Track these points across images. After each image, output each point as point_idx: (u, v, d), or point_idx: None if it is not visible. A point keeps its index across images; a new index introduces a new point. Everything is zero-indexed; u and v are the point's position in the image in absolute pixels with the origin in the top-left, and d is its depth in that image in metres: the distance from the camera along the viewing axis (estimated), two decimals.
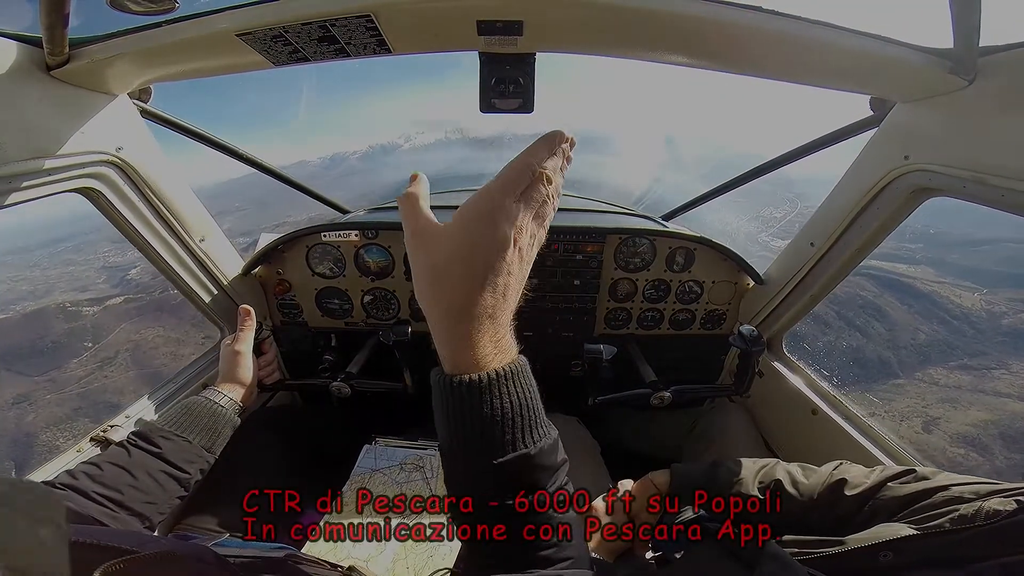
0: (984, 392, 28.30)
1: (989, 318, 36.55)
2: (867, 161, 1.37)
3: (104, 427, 1.39)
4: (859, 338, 34.87)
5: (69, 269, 68.34)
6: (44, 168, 1.08)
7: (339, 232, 1.87)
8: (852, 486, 0.98)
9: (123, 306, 42.95)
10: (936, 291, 37.33)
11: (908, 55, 1.02)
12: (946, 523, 0.76)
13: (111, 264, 63.96)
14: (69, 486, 0.95)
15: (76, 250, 78.92)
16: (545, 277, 1.95)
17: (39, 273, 74.86)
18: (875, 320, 35.90)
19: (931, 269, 43.33)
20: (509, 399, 0.52)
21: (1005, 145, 0.98)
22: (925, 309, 35.65)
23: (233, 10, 0.99)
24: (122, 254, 64.68)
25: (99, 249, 74.49)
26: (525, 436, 0.54)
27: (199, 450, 1.15)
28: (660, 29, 1.02)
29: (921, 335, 33.25)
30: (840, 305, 36.11)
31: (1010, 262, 48.77)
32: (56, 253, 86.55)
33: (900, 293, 36.30)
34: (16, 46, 1.00)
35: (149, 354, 34.81)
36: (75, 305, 42.11)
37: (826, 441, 1.61)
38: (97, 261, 68.47)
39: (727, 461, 1.16)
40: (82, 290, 54.83)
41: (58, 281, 62.04)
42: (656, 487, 1.18)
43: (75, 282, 59.53)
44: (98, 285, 55.34)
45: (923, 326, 34.25)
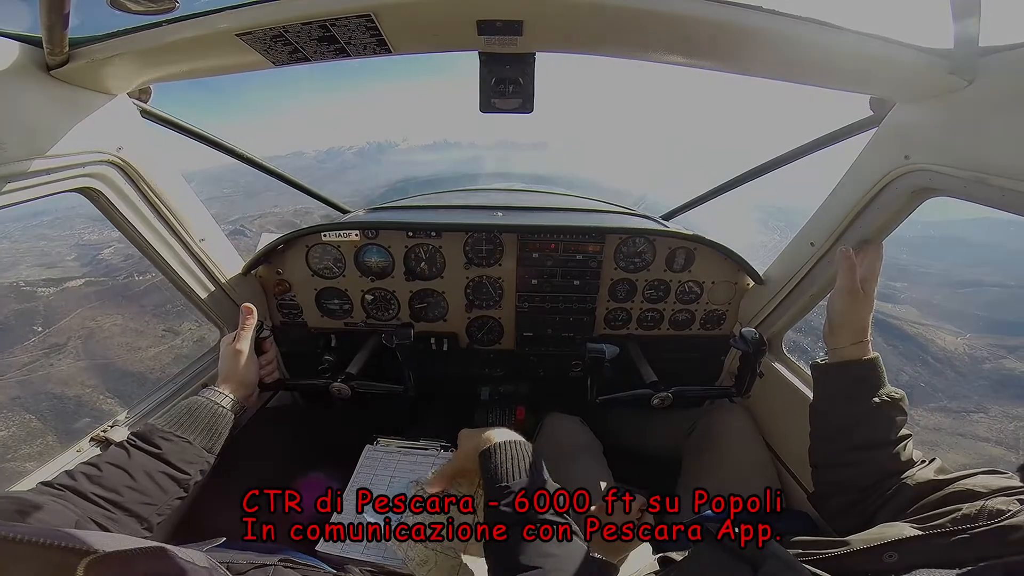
0: (963, 435, 27.99)
1: (971, 362, 36.30)
2: (867, 161, 1.37)
3: (104, 427, 1.39)
4: None
5: (40, 244, 65.37)
6: (44, 168, 1.08)
7: (339, 232, 1.87)
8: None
9: (83, 289, 39.26)
10: (921, 333, 36.90)
11: (908, 55, 1.02)
12: (948, 523, 0.76)
13: (84, 242, 61.20)
14: (67, 487, 0.94)
15: (51, 225, 76.48)
16: (545, 277, 1.95)
17: (7, 245, 72.18)
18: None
19: (915, 309, 43.16)
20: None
21: (1005, 145, 0.98)
22: (909, 351, 35.05)
23: (233, 10, 1.00)
24: (98, 232, 61.81)
25: (75, 225, 71.79)
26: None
27: (199, 451, 1.15)
28: (660, 29, 1.02)
29: (904, 376, 32.57)
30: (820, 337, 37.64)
31: (992, 307, 48.90)
32: (30, 227, 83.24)
33: (885, 333, 35.97)
34: (16, 46, 1.00)
35: (103, 343, 31.39)
36: (30, 285, 38.70)
37: None
38: (71, 238, 65.49)
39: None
40: (49, 266, 51.68)
41: (26, 255, 58.78)
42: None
43: (43, 257, 56.72)
44: (67, 262, 52.75)
45: (906, 367, 33.64)
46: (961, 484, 0.84)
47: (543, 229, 1.88)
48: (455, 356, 2.15)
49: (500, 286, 2.00)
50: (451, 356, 2.14)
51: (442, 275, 1.97)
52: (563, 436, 1.77)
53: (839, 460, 1.09)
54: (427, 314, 2.06)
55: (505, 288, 2.00)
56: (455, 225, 1.89)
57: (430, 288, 2.00)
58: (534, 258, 1.92)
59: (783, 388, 1.82)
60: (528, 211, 2.15)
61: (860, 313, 1.14)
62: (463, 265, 1.95)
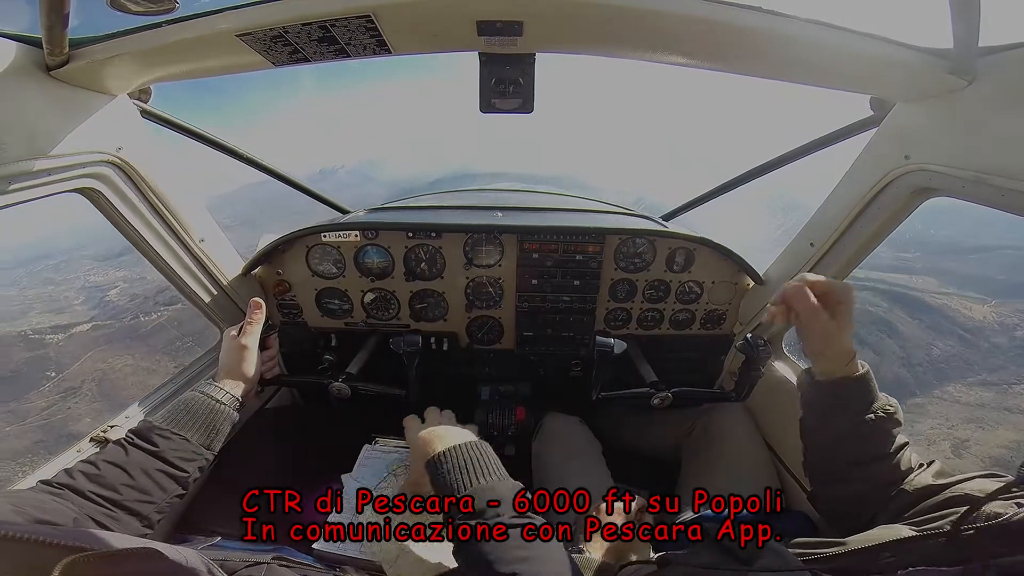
0: (1009, 410, 26.80)
1: (1002, 330, 34.91)
2: (867, 161, 1.37)
3: (104, 427, 1.39)
4: (872, 356, 32.80)
5: (48, 289, 66.32)
6: (44, 168, 1.08)
7: (339, 232, 1.87)
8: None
9: (91, 333, 40.24)
10: (945, 303, 35.43)
11: (908, 55, 1.02)
12: (946, 525, 0.76)
13: (91, 284, 61.50)
14: (67, 485, 0.94)
15: (56, 268, 76.45)
16: (545, 277, 1.95)
17: (16, 292, 72.36)
18: (887, 337, 34.08)
19: (933, 279, 41.75)
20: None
21: (1005, 145, 0.98)
22: (937, 323, 34.01)
23: (233, 10, 1.00)
24: (103, 273, 62.75)
25: (80, 268, 71.71)
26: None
27: (197, 448, 1.14)
28: (660, 29, 1.03)
29: (935, 350, 31.70)
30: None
31: (1009, 270, 47.87)
32: (35, 272, 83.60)
33: (909, 307, 34.59)
34: (16, 46, 1.00)
35: (117, 384, 32.38)
36: (38, 333, 39.72)
37: None
38: (77, 280, 65.53)
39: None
40: (58, 312, 52.71)
41: (35, 302, 59.55)
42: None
43: (52, 303, 57.58)
44: (75, 307, 53.45)
45: (936, 341, 32.64)
46: (959, 488, 0.85)
47: (543, 230, 1.88)
48: (455, 356, 2.15)
49: (500, 286, 2.00)
50: (451, 356, 2.13)
51: (442, 275, 1.97)
52: (563, 436, 1.77)
53: (839, 476, 1.05)
54: (427, 314, 2.06)
55: (505, 288, 2.00)
56: (455, 226, 1.89)
57: (430, 288, 2.00)
58: (534, 258, 1.91)
59: (783, 388, 1.82)
60: (528, 211, 2.15)
61: (838, 341, 1.02)
62: (463, 265, 1.95)
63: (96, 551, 0.46)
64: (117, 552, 0.51)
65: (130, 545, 0.53)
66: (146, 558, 0.55)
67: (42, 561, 0.44)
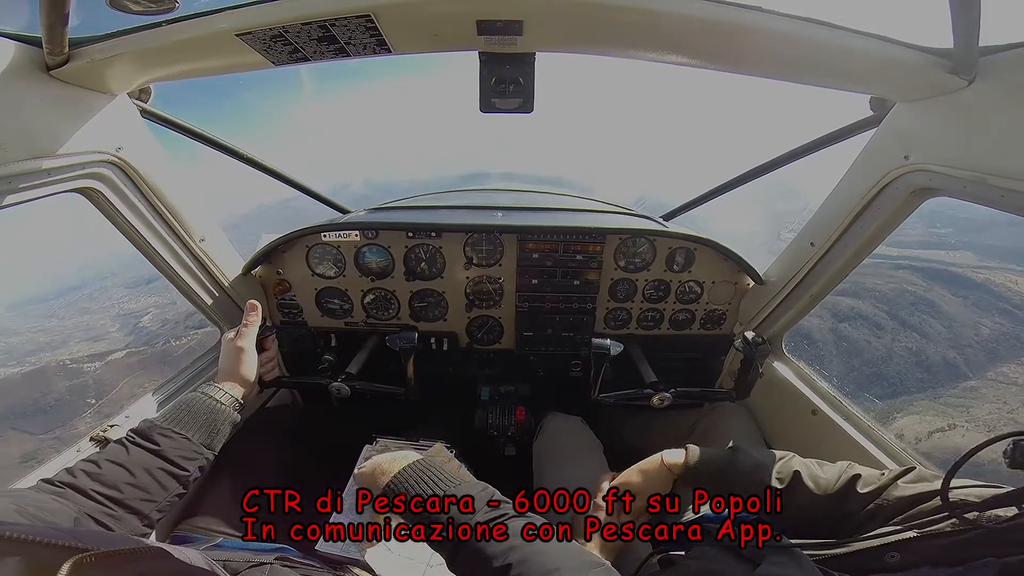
0: None
1: None
2: (867, 161, 1.37)
3: (104, 427, 1.39)
4: (917, 338, 31.40)
5: (84, 318, 68.12)
6: (44, 168, 1.07)
7: (339, 232, 1.87)
8: (864, 483, 0.98)
9: (126, 360, 41.39)
10: (989, 279, 33.26)
11: (908, 55, 1.02)
12: (949, 526, 0.77)
13: (125, 311, 63.05)
14: (68, 484, 0.94)
15: (91, 298, 77.80)
16: (545, 277, 1.95)
17: (56, 323, 74.75)
18: (930, 317, 32.38)
19: (971, 253, 38.53)
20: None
21: (1005, 145, 0.98)
22: (982, 300, 32.27)
23: (233, 10, 1.00)
24: (135, 300, 64.06)
25: (113, 296, 73.60)
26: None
27: (198, 447, 1.15)
28: (660, 29, 1.02)
29: (984, 329, 30.30)
30: (890, 304, 32.77)
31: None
32: (72, 302, 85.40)
33: (949, 284, 32.76)
34: (16, 46, 1.00)
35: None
36: (75, 362, 40.74)
37: (826, 441, 1.61)
38: (112, 308, 67.42)
39: (745, 448, 1.16)
40: (96, 340, 54.23)
41: (74, 331, 61.57)
42: (668, 467, 1.18)
43: (89, 331, 59.22)
44: (112, 334, 54.74)
45: (984, 319, 31.10)
46: (955, 494, 0.85)
47: (543, 230, 1.88)
48: (455, 356, 2.15)
49: (500, 286, 2.00)
50: (451, 356, 2.13)
51: (442, 275, 1.97)
52: (563, 436, 1.77)
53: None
54: (427, 314, 2.06)
55: (505, 288, 2.00)
56: (455, 226, 1.89)
57: (430, 288, 2.00)
58: (534, 258, 1.91)
59: (783, 388, 1.82)
60: (528, 211, 2.15)
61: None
62: (463, 265, 1.95)
63: (103, 550, 0.46)
64: (125, 551, 0.51)
65: (136, 545, 0.54)
66: (153, 556, 0.56)
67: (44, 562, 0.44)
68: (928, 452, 22.08)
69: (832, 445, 1.57)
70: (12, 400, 38.97)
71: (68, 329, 63.09)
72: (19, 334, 72.64)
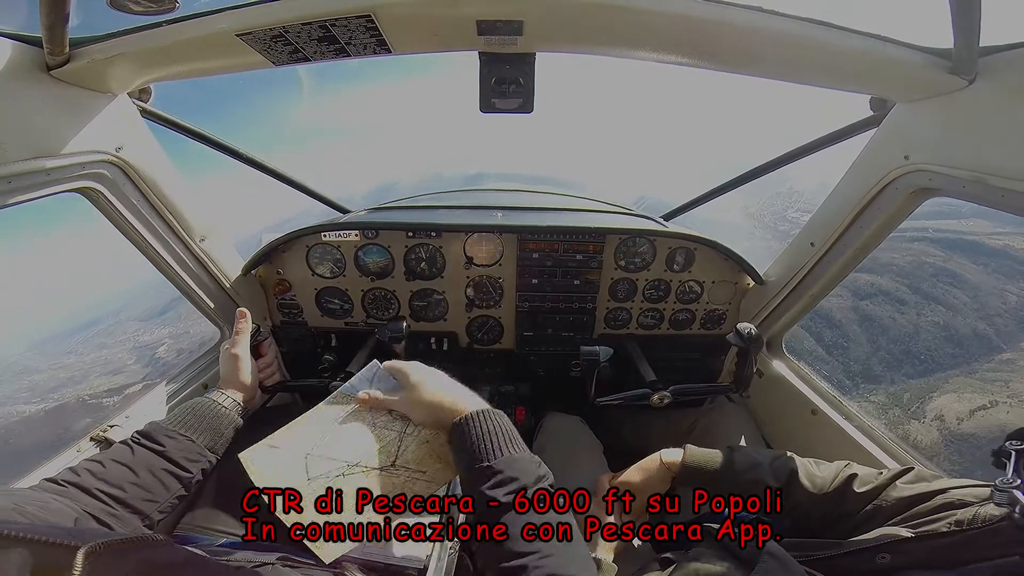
0: None
1: None
2: (867, 161, 1.37)
3: (104, 427, 1.39)
4: (944, 311, 29.29)
5: (103, 353, 68.30)
6: (44, 168, 1.07)
7: (339, 232, 1.87)
8: (861, 483, 0.99)
9: (142, 393, 42.77)
10: (1008, 244, 31.09)
11: (908, 55, 1.02)
12: (942, 527, 0.77)
13: (141, 344, 62.75)
14: (72, 483, 0.95)
15: (107, 333, 77.71)
16: (545, 277, 1.95)
17: (75, 359, 75.03)
18: (953, 287, 30.03)
19: (984, 220, 35.35)
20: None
21: (1005, 145, 0.98)
22: (1005, 267, 30.17)
23: (233, 10, 1.00)
24: (149, 332, 64.02)
25: (128, 329, 73.49)
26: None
27: (202, 449, 1.16)
28: (660, 29, 1.02)
29: (1011, 297, 28.38)
30: (909, 278, 30.72)
31: None
32: (89, 338, 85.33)
33: (968, 252, 30.73)
34: (16, 46, 1.00)
35: None
36: (94, 398, 40.82)
37: (826, 441, 1.61)
38: (128, 342, 67.13)
39: (741, 447, 1.17)
40: (115, 373, 54.08)
41: (93, 366, 61.67)
42: (666, 466, 1.18)
43: (108, 366, 59.25)
44: (129, 367, 54.48)
45: (1009, 287, 29.12)
46: (952, 495, 0.85)
47: (543, 229, 1.88)
48: (455, 356, 2.14)
49: (500, 286, 2.00)
50: (451, 356, 2.13)
51: (442, 275, 1.97)
52: (563, 436, 1.77)
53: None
54: (427, 314, 2.06)
55: (505, 288, 2.00)
56: (455, 226, 1.89)
57: (430, 288, 2.00)
58: (534, 258, 1.91)
59: (783, 388, 1.82)
60: (528, 211, 2.15)
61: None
62: (463, 265, 1.95)
63: (112, 539, 0.48)
64: (134, 539, 0.53)
65: (142, 535, 0.55)
66: (160, 545, 0.57)
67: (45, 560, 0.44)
68: (971, 434, 20.85)
69: (832, 445, 1.57)
70: (36, 437, 38.46)
71: (87, 365, 63.25)
72: (41, 372, 72.82)
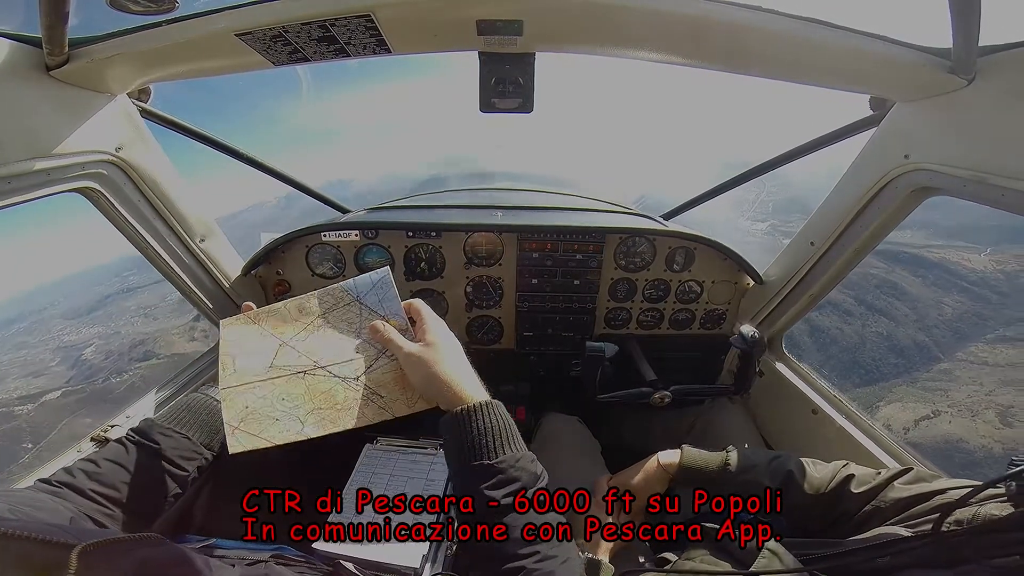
0: None
1: (1007, 279, 32.89)
2: (867, 161, 1.37)
3: (105, 427, 1.39)
4: (887, 323, 31.12)
5: (22, 353, 64.90)
6: (44, 168, 1.07)
7: (339, 232, 1.87)
8: (858, 483, 0.98)
9: (62, 400, 38.66)
10: (944, 257, 33.06)
11: (908, 55, 1.02)
12: (942, 527, 0.77)
13: (65, 343, 59.86)
14: (66, 484, 0.94)
15: (29, 331, 74.70)
16: (545, 277, 1.95)
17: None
18: (896, 299, 32.19)
19: (921, 231, 38.86)
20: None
21: (1005, 145, 0.98)
22: (941, 279, 32.00)
23: (233, 10, 1.00)
24: (76, 331, 61.81)
25: (52, 327, 70.45)
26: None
27: (198, 447, 1.14)
28: (660, 28, 1.03)
29: (947, 309, 30.13)
30: (855, 289, 32.79)
31: (992, 215, 45.97)
32: (7, 337, 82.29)
33: (908, 264, 32.65)
34: (16, 46, 1.00)
35: None
36: (5, 406, 38.42)
37: (826, 441, 1.61)
38: (51, 341, 64.30)
39: (739, 448, 1.17)
40: (37, 375, 51.43)
41: (11, 367, 58.24)
42: (663, 467, 1.18)
43: (29, 367, 55.90)
44: (52, 368, 52.13)
45: (945, 299, 30.91)
46: (952, 495, 0.85)
47: (543, 229, 1.88)
48: None
49: (500, 285, 2.00)
50: None
51: (442, 275, 1.97)
52: (562, 436, 1.77)
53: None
54: None
55: (505, 287, 2.00)
56: (455, 225, 1.89)
57: (430, 288, 2.00)
58: (534, 258, 1.91)
59: (783, 388, 1.82)
60: (528, 211, 2.15)
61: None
62: (463, 265, 1.95)
63: (106, 538, 0.47)
64: (127, 538, 0.52)
65: (136, 535, 0.55)
66: (155, 544, 0.57)
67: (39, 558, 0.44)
68: (918, 443, 21.56)
69: (833, 445, 1.57)
70: None
71: (4, 365, 60.94)
72: None
